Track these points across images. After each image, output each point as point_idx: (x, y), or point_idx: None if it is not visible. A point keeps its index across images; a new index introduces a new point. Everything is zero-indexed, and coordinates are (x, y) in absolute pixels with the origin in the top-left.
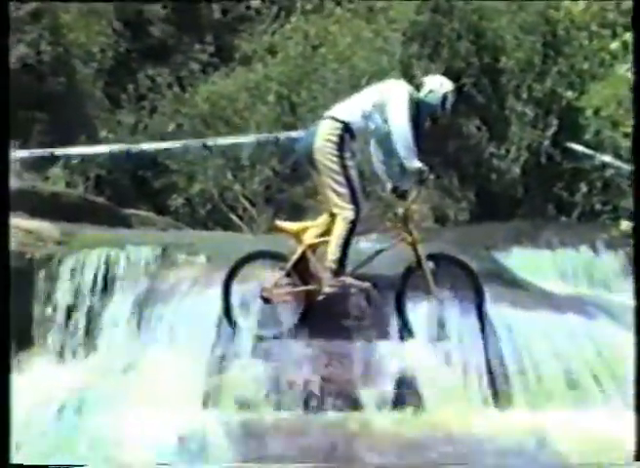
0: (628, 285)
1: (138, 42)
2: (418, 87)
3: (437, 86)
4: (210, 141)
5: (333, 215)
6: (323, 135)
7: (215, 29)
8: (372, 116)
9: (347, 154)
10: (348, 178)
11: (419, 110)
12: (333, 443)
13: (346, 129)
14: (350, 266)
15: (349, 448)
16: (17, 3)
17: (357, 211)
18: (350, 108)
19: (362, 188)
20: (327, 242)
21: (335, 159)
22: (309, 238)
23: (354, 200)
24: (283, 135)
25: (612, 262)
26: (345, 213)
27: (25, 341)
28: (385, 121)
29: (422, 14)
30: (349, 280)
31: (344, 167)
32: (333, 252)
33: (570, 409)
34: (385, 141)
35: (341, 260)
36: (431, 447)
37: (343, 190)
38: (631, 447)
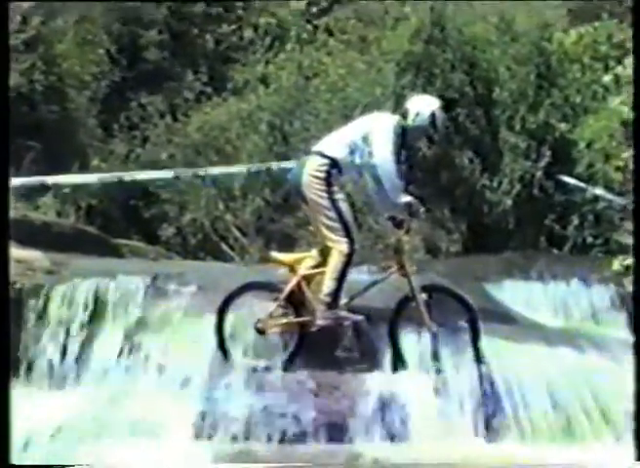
0: (619, 318)
1: (132, 70)
2: (404, 114)
3: (423, 107)
4: (201, 171)
5: (323, 249)
6: (310, 171)
7: (208, 59)
8: (358, 150)
9: (336, 188)
10: (339, 213)
11: (406, 139)
12: None
13: (333, 164)
14: (344, 297)
15: None
16: (13, 33)
17: (352, 243)
18: (336, 143)
19: (353, 219)
20: (322, 273)
21: (324, 195)
22: (304, 269)
23: (347, 233)
24: (275, 165)
25: (603, 296)
26: (340, 246)
27: (14, 371)
28: (370, 154)
29: (416, 44)
30: (343, 313)
31: (334, 201)
32: (327, 284)
33: (560, 441)
34: (374, 174)
35: (336, 293)
36: None
37: (335, 224)
38: None
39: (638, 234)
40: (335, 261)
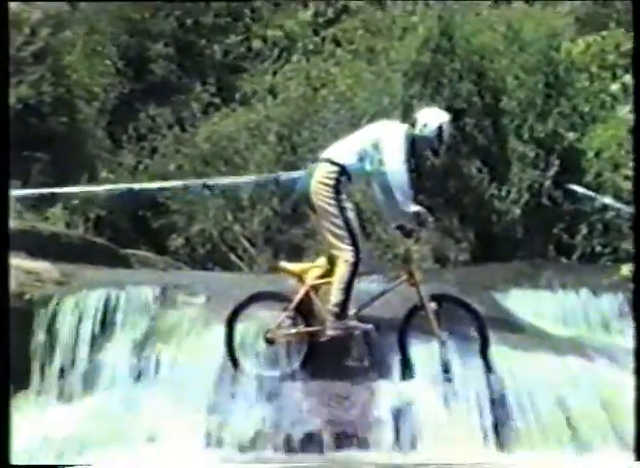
0: (628, 327)
1: (140, 81)
2: (412, 124)
3: (431, 118)
4: (210, 181)
5: (331, 257)
6: (319, 178)
7: (216, 69)
8: (368, 157)
9: (344, 196)
10: (346, 221)
11: (415, 148)
12: None
13: (343, 171)
14: (353, 307)
15: None
16: (21, 45)
17: (357, 252)
18: (346, 150)
19: (362, 229)
20: (329, 283)
21: (332, 202)
22: (311, 279)
23: (354, 242)
24: (284, 175)
25: (612, 304)
26: (345, 255)
27: (23, 382)
28: (381, 162)
29: (423, 54)
30: (352, 322)
31: (342, 209)
32: (335, 295)
33: (569, 450)
34: (384, 182)
35: (344, 303)
36: None
37: (342, 232)
38: None
39: (639, 242)
40: (341, 271)
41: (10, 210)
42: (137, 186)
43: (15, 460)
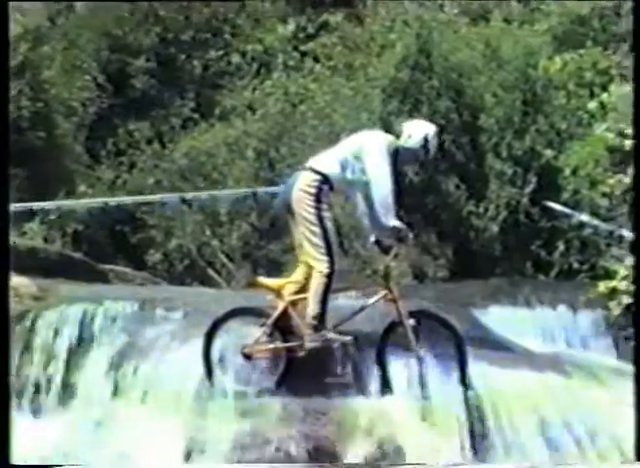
0: (605, 343)
1: (119, 96)
2: (397, 136)
3: (416, 129)
4: (188, 195)
5: (310, 268)
6: (301, 186)
7: (196, 85)
8: (350, 166)
9: (325, 206)
10: (324, 230)
11: (397, 159)
12: None
13: (325, 180)
14: (332, 323)
15: None
16: None
17: (332, 263)
18: (329, 159)
19: (340, 244)
20: (306, 298)
21: (311, 210)
22: (289, 294)
23: (329, 252)
24: (261, 190)
25: (589, 321)
26: (320, 265)
27: None
28: (364, 171)
29: (402, 71)
30: (330, 334)
31: (321, 218)
32: (312, 308)
33: (548, 465)
34: (367, 192)
35: (321, 315)
36: None
37: (319, 241)
38: None
39: (638, 264)
40: (316, 284)
41: (9, 227)
42: (112, 201)
43: None
